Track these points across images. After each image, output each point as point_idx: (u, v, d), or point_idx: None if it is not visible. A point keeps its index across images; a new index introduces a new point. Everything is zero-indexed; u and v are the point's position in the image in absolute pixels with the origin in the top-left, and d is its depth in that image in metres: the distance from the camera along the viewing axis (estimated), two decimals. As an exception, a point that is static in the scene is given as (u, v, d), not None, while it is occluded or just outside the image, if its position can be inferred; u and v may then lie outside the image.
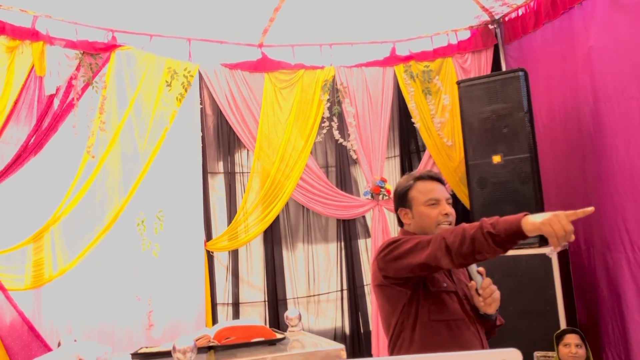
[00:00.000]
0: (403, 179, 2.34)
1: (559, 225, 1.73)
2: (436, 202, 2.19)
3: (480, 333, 2.11)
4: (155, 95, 4.54)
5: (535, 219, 1.77)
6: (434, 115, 5.12)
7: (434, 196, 2.20)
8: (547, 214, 1.77)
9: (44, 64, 4.10)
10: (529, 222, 1.76)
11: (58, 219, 4.06)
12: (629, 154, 3.74)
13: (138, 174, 4.40)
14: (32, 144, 4.03)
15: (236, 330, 1.84)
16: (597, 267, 4.12)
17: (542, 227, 1.74)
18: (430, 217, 2.18)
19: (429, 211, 2.19)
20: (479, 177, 4.30)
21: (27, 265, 3.94)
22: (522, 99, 4.15)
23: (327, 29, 4.91)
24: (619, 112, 3.77)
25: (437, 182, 2.26)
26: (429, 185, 2.24)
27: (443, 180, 2.31)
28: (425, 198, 2.21)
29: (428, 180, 2.25)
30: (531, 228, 1.77)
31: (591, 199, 4.11)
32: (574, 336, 3.53)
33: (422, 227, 2.20)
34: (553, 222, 1.73)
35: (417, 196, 2.23)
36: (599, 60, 3.92)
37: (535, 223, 1.75)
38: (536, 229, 1.76)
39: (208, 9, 4.37)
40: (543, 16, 4.48)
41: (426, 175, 2.28)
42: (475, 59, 5.12)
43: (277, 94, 4.97)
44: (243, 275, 4.80)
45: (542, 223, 1.74)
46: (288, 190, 4.87)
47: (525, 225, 1.77)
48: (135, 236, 4.38)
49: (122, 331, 4.24)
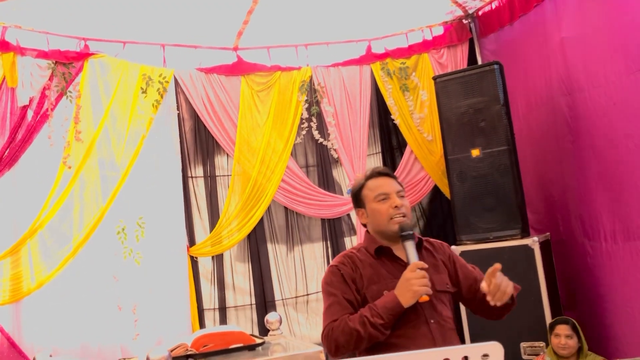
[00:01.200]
0: (356, 179, 2.38)
1: (416, 281, 2.00)
2: (386, 196, 2.22)
3: (433, 332, 2.10)
4: (130, 102, 4.50)
5: (402, 295, 2.01)
6: (412, 111, 5.12)
7: (382, 191, 2.23)
8: (401, 280, 2.04)
9: (15, 75, 4.05)
10: (404, 299, 2.00)
11: (35, 232, 4.02)
12: (600, 142, 3.77)
13: (116, 182, 4.35)
14: (6, 157, 3.98)
15: (214, 337, 1.82)
16: (577, 256, 4.14)
17: (417, 290, 1.99)
18: (382, 212, 2.21)
19: (379, 206, 2.22)
20: (459, 171, 4.31)
21: (5, 279, 3.89)
22: (499, 92, 4.16)
23: (301, 30, 4.89)
24: (590, 101, 3.79)
25: (386, 177, 2.29)
26: (378, 181, 2.27)
27: (392, 175, 2.33)
28: (374, 194, 2.24)
29: (377, 176, 2.29)
30: (407, 301, 2.01)
31: (569, 189, 4.14)
32: (565, 327, 3.54)
33: (377, 224, 2.24)
34: (413, 284, 2.00)
35: (368, 194, 2.27)
36: (571, 50, 3.94)
37: (406, 296, 2.00)
38: (411, 297, 2.01)
39: (181, 14, 4.34)
40: (518, 9, 4.50)
41: (375, 172, 2.31)
42: (451, 54, 5.13)
43: (254, 97, 4.95)
44: (228, 280, 4.78)
45: (412, 292, 2.00)
46: (270, 192, 4.85)
47: (403, 302, 2.01)
48: (116, 245, 4.34)
49: (106, 342, 4.19)
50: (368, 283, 2.15)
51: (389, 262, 2.20)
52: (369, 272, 2.17)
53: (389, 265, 2.19)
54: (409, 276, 2.02)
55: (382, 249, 2.22)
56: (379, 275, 2.16)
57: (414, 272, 2.02)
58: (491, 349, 1.32)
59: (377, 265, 2.19)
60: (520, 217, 4.08)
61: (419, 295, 2.00)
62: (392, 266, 2.19)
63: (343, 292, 2.13)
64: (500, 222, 4.13)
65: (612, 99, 3.60)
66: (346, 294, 2.13)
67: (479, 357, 1.31)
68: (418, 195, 5.12)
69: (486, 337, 1.44)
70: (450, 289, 2.24)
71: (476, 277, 2.28)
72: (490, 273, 2.03)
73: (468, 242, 4.21)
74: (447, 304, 2.20)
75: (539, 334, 3.86)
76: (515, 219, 4.09)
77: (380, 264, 2.20)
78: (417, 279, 2.00)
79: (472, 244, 4.18)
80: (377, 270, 2.17)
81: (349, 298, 2.12)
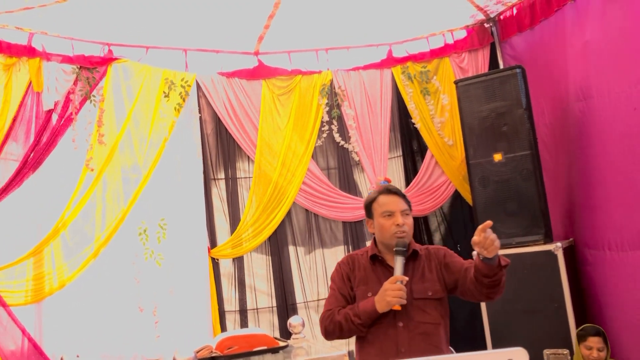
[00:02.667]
0: (371, 192, 2.68)
1: (391, 292, 2.31)
2: (391, 213, 2.50)
3: (398, 335, 2.37)
4: (153, 106, 4.55)
5: (378, 302, 2.34)
6: (433, 115, 5.11)
7: (388, 208, 2.51)
8: (380, 290, 2.36)
9: (41, 80, 4.12)
10: (380, 306, 2.34)
11: (58, 233, 4.07)
12: (616, 148, 3.72)
13: (138, 184, 4.40)
14: (31, 160, 4.04)
15: (238, 340, 1.83)
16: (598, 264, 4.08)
17: (389, 301, 2.31)
18: (385, 228, 2.49)
19: (384, 222, 2.50)
20: (481, 175, 4.28)
21: (28, 279, 3.95)
22: (521, 96, 4.13)
23: (322, 34, 4.90)
24: (610, 106, 3.74)
25: (395, 196, 2.55)
26: (387, 198, 2.54)
27: (401, 194, 2.58)
28: (382, 210, 2.52)
29: (387, 194, 2.56)
30: (381, 308, 2.34)
31: (589, 195, 4.08)
32: (597, 339, 3.44)
33: (381, 236, 2.53)
34: (388, 295, 2.32)
35: (377, 208, 2.55)
36: (593, 55, 3.90)
37: (381, 304, 2.33)
38: (384, 305, 2.33)
39: (203, 19, 4.37)
40: (539, 14, 4.47)
41: (386, 189, 2.59)
42: (472, 58, 5.10)
43: (275, 101, 4.97)
44: (249, 282, 4.79)
45: (386, 302, 2.31)
46: (291, 195, 4.87)
47: (378, 308, 2.34)
48: (138, 246, 4.38)
49: (127, 343, 4.22)
50: (359, 283, 2.51)
51: (381, 269, 2.52)
52: (362, 274, 2.52)
53: (380, 271, 2.51)
54: (386, 287, 2.35)
55: (376, 257, 2.54)
56: (369, 279, 2.50)
57: (392, 284, 2.34)
58: (516, 355, 1.31)
59: (370, 270, 2.53)
60: (543, 223, 4.04)
61: (391, 305, 2.33)
62: (382, 273, 2.49)
63: (340, 287, 2.54)
64: (523, 227, 4.09)
65: (633, 104, 3.55)
66: (342, 289, 2.53)
67: (503, 362, 1.30)
68: (439, 201, 5.09)
69: (508, 344, 1.43)
70: (433, 296, 2.45)
71: (467, 267, 2.44)
72: (481, 228, 2.19)
73: (490, 247, 4.17)
74: (428, 310, 2.44)
75: (563, 341, 3.80)
76: (538, 224, 4.04)
77: (373, 269, 2.53)
78: (393, 291, 2.32)
79: (494, 249, 4.14)
80: (369, 274, 2.52)
81: (343, 293, 2.52)
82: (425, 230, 5.17)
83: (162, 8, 4.11)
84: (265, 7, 4.32)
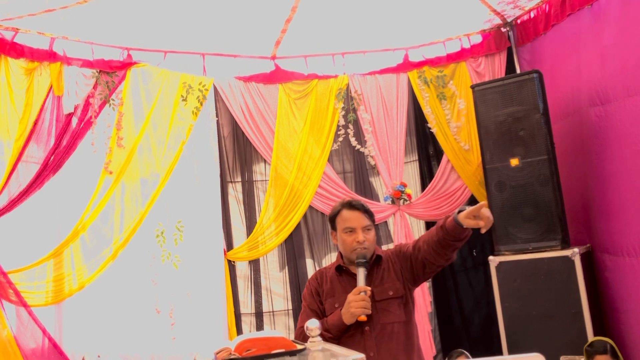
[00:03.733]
0: (337, 203, 2.68)
1: (355, 304, 2.38)
2: (352, 230, 2.53)
3: (365, 339, 2.43)
4: (171, 110, 4.61)
5: (344, 315, 2.40)
6: (449, 119, 5.10)
7: (349, 225, 2.54)
8: (345, 302, 2.42)
9: (61, 84, 4.19)
10: (346, 318, 2.39)
11: (77, 235, 4.14)
12: (634, 153, 3.69)
13: (156, 187, 4.45)
14: (51, 162, 4.10)
15: (257, 342, 1.85)
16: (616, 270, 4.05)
17: (354, 312, 2.37)
18: (346, 243, 2.54)
19: (345, 237, 2.54)
20: (498, 180, 4.27)
21: (48, 280, 4.01)
22: (538, 100, 4.12)
23: (339, 39, 4.92)
24: (627, 110, 3.71)
25: (357, 211, 2.55)
26: (349, 214, 2.56)
27: (364, 208, 2.58)
28: (344, 225, 2.56)
29: (350, 209, 2.57)
30: (348, 320, 2.40)
31: (606, 200, 4.05)
32: (605, 357, 3.38)
33: (343, 249, 2.58)
34: (352, 306, 2.38)
35: (340, 222, 2.58)
36: (610, 59, 3.87)
37: (346, 315, 2.39)
38: (350, 317, 2.39)
39: (221, 24, 4.42)
40: (552, 18, 4.45)
41: (348, 204, 2.59)
42: (489, 62, 5.09)
43: (291, 105, 5.00)
44: (265, 285, 4.81)
45: (350, 313, 2.38)
46: (307, 198, 4.89)
47: (345, 320, 2.40)
48: (155, 248, 4.42)
49: (144, 344, 4.26)
50: (326, 296, 2.57)
51: (347, 278, 2.56)
52: (329, 287, 2.58)
53: (346, 281, 2.55)
54: (350, 299, 2.40)
55: (341, 267, 2.59)
56: (334, 290, 2.56)
57: (355, 295, 2.39)
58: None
59: (336, 281, 2.58)
60: (560, 228, 4.02)
61: (356, 316, 2.39)
62: (348, 282, 2.53)
63: (309, 304, 2.59)
64: (539, 232, 4.07)
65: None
66: (311, 304, 2.58)
67: (520, 368, 1.30)
68: (455, 205, 5.08)
69: (524, 349, 1.43)
70: (394, 295, 2.50)
71: (415, 242, 2.52)
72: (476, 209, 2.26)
73: (506, 253, 4.16)
74: (391, 310, 2.48)
75: (579, 347, 3.77)
76: (555, 230, 4.02)
77: (339, 280, 2.58)
78: (356, 302, 2.38)
79: (511, 254, 4.13)
80: (335, 286, 2.57)
81: (313, 308, 2.57)
82: (441, 235, 5.16)
83: (180, 13, 4.16)
84: (282, 12, 4.35)
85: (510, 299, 4.07)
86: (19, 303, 3.84)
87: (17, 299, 3.83)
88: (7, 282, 3.81)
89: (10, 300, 3.82)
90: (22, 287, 3.87)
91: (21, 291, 3.86)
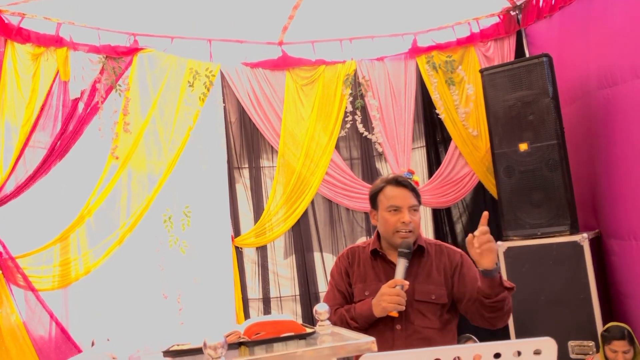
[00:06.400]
0: (378, 180, 2.44)
1: (388, 298, 2.14)
2: (397, 209, 2.29)
3: (395, 339, 2.22)
4: (177, 95, 4.59)
5: (375, 307, 2.18)
6: (458, 105, 5.06)
7: (395, 203, 2.29)
8: (378, 293, 2.19)
9: (68, 69, 4.17)
10: (376, 310, 2.17)
11: (83, 219, 4.14)
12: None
13: (163, 172, 4.45)
14: (58, 148, 4.09)
15: (266, 326, 1.84)
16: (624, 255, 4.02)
17: (385, 307, 2.15)
18: (389, 223, 2.29)
19: (389, 217, 2.29)
20: (506, 165, 4.24)
21: (55, 265, 4.02)
22: (547, 84, 4.07)
23: (346, 24, 4.88)
24: (636, 92, 3.66)
25: (404, 189, 2.31)
26: (395, 191, 2.31)
27: (411, 186, 2.33)
28: (388, 203, 2.31)
29: (395, 185, 2.33)
30: (378, 313, 2.18)
31: (615, 184, 4.02)
32: (622, 343, 3.32)
33: (384, 231, 2.33)
34: (384, 300, 2.15)
35: (383, 200, 2.33)
36: (618, 40, 3.81)
37: (377, 309, 2.17)
38: (380, 311, 2.17)
39: (228, 10, 4.39)
40: (561, 0, 4.39)
41: (394, 180, 2.35)
42: (498, 46, 5.03)
43: (299, 91, 4.98)
44: (272, 270, 4.82)
45: (382, 307, 2.15)
46: (314, 185, 4.88)
47: (375, 313, 2.18)
48: (162, 233, 4.43)
49: (151, 329, 4.28)
50: (357, 280, 2.34)
51: (382, 265, 2.34)
52: (361, 270, 2.35)
53: (381, 267, 2.33)
54: (383, 291, 2.17)
55: (377, 252, 2.36)
56: (366, 276, 2.33)
57: (390, 289, 2.16)
58: (544, 345, 1.29)
59: (369, 265, 2.35)
60: (569, 213, 3.99)
61: (387, 311, 2.16)
62: (383, 269, 2.32)
63: (337, 284, 2.38)
64: (548, 217, 4.04)
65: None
66: (339, 285, 2.37)
67: (530, 352, 1.28)
68: (462, 192, 5.06)
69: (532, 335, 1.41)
70: (436, 301, 2.26)
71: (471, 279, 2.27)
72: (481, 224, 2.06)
73: (515, 238, 4.15)
74: (428, 315, 2.24)
75: (588, 333, 3.77)
76: (564, 215, 4.00)
77: (373, 264, 2.35)
78: (390, 296, 2.14)
79: (519, 239, 4.11)
80: (367, 270, 2.34)
81: (340, 289, 2.36)
82: (448, 222, 5.15)
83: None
84: (290, -3, 4.32)
85: (519, 284, 3.99)
86: (27, 287, 3.86)
87: (25, 283, 3.85)
88: (15, 267, 3.82)
89: (19, 284, 3.83)
90: (29, 271, 3.89)
91: (29, 275, 3.87)
